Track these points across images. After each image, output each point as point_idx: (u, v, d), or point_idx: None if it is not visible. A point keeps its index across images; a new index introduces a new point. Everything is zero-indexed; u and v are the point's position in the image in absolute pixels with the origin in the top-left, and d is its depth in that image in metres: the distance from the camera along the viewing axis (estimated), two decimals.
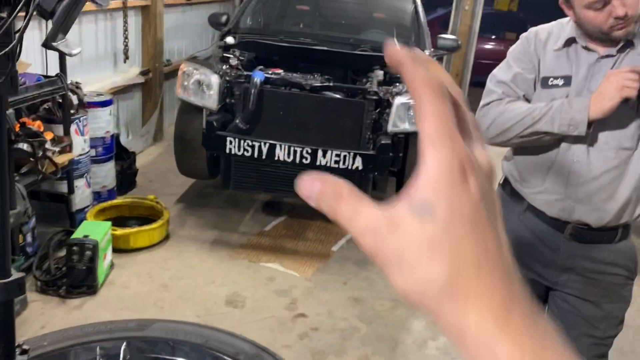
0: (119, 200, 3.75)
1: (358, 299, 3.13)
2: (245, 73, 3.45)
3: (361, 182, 3.39)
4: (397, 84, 3.53)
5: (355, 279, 3.34)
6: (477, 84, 7.22)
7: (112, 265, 3.12)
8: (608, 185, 1.47)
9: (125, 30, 4.40)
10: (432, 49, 4.30)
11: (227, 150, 3.25)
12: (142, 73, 4.81)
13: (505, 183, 1.69)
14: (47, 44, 0.85)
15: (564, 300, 1.64)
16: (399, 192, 2.77)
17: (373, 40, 4.13)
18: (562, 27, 1.55)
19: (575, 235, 1.56)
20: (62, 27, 0.79)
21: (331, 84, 3.45)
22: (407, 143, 3.64)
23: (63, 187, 3.28)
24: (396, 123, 3.35)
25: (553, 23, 1.60)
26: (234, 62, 3.55)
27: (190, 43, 6.12)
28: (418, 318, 3.01)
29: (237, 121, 3.34)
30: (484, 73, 2.18)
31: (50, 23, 0.83)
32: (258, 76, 3.31)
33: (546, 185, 1.55)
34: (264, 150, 3.23)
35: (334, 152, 3.21)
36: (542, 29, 1.59)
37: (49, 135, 2.97)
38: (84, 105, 3.43)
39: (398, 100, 3.34)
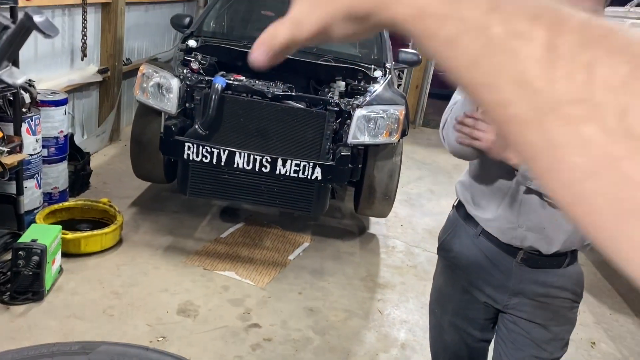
0: (70, 202, 3.64)
1: (313, 309, 3.13)
2: (206, 78, 3.41)
3: (320, 192, 3.40)
4: (358, 96, 3.56)
5: (310, 288, 3.34)
6: (436, 95, 7.40)
7: (60, 271, 3.03)
8: (557, 216, 1.52)
9: (84, 27, 4.28)
10: (394, 62, 4.36)
11: (185, 156, 3.21)
12: (100, 71, 4.69)
13: (460, 206, 1.73)
14: None
15: (514, 323, 1.68)
16: (358, 203, 2.75)
17: (336, 51, 4.16)
18: None
19: (526, 260, 1.61)
20: (6, 56, 0.76)
21: (293, 93, 3.46)
22: (366, 155, 3.68)
23: (11, 188, 3.16)
24: (356, 135, 3.39)
25: None
26: (195, 65, 3.51)
27: (152, 43, 6.00)
28: (370, 330, 3.04)
29: (197, 126, 3.30)
30: (443, 86, 2.23)
31: None
32: (219, 82, 3.28)
33: (499, 213, 1.59)
34: (223, 157, 3.20)
35: (294, 162, 3.21)
36: None
37: None
38: (37, 104, 3.32)
39: (359, 113, 3.37)
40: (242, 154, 3.19)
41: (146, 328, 2.74)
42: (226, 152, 3.19)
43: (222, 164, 3.21)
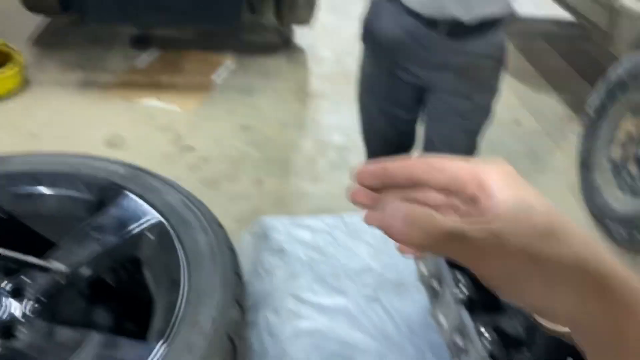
0: None
1: (246, 127, 3.09)
2: None
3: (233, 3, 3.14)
4: None
5: (241, 107, 3.26)
6: None
7: None
8: None
9: None
10: None
11: None
12: None
13: None
14: None
15: (439, 99, 1.69)
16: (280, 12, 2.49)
17: None
18: None
19: (449, 32, 1.56)
20: None
21: None
22: None
23: None
24: None
25: None
26: None
27: None
28: (307, 138, 3.06)
29: None
30: None
31: None
32: None
33: None
34: None
35: None
36: None
37: None
38: None
39: None
40: None
41: None
42: None
43: None
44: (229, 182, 2.64)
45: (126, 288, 1.03)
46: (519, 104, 3.46)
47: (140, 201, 0.89)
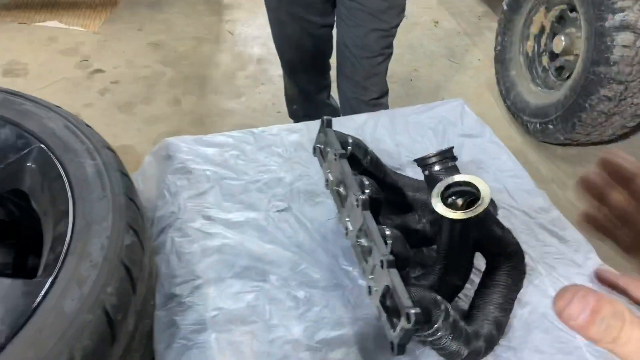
0: None
1: (158, 44, 2.90)
2: None
3: None
4: None
5: (150, 23, 3.05)
6: None
7: None
8: None
9: None
10: None
11: None
12: None
13: None
14: None
15: (352, 0, 1.62)
16: None
17: None
18: None
19: None
20: None
21: None
22: None
23: None
24: None
25: None
26: None
27: None
28: (223, 52, 2.92)
29: None
30: None
31: None
32: None
33: None
34: None
35: None
36: None
37: None
38: None
39: None
40: None
41: None
42: None
43: None
44: (144, 104, 2.50)
45: (22, 224, 0.96)
46: (437, 5, 3.42)
47: (17, 129, 0.81)
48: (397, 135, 1.15)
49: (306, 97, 2.02)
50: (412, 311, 0.62)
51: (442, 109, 1.23)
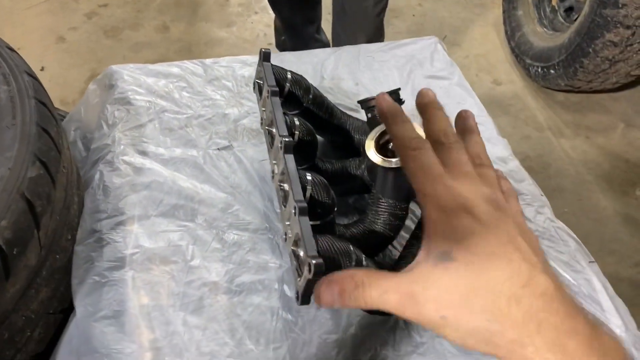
0: None
1: None
2: None
3: None
4: None
5: None
6: None
7: None
8: None
9: None
10: None
11: None
12: None
13: None
14: None
15: None
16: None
17: None
18: None
19: None
20: None
21: None
22: None
23: None
24: None
25: None
26: None
27: None
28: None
29: None
30: None
31: None
32: None
33: None
34: None
35: None
36: None
37: None
38: None
39: None
40: None
41: None
42: None
43: None
44: (131, 30, 2.42)
45: None
46: None
47: None
48: (358, 74, 1.08)
49: (292, 29, 1.93)
50: (314, 261, 0.58)
51: (413, 47, 1.15)
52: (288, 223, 0.69)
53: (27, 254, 0.65)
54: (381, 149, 0.77)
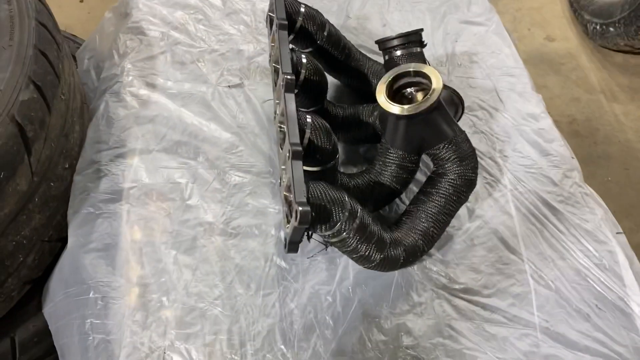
0: None
1: None
2: None
3: None
4: None
5: None
6: None
7: None
8: None
9: None
10: None
11: None
12: None
13: None
14: None
15: None
16: None
17: None
18: None
19: None
20: None
21: None
22: None
23: None
24: None
25: None
26: None
27: None
28: None
29: None
30: None
31: None
32: None
33: None
34: None
35: None
36: None
37: None
38: None
39: None
40: None
41: None
42: None
43: None
44: None
45: None
46: None
47: None
48: (387, 14, 1.01)
49: None
50: (300, 208, 0.55)
51: None
52: (284, 167, 0.65)
53: (17, 179, 0.64)
54: (395, 94, 0.71)
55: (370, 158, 0.83)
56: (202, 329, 0.65)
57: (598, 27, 2.15)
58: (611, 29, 2.07)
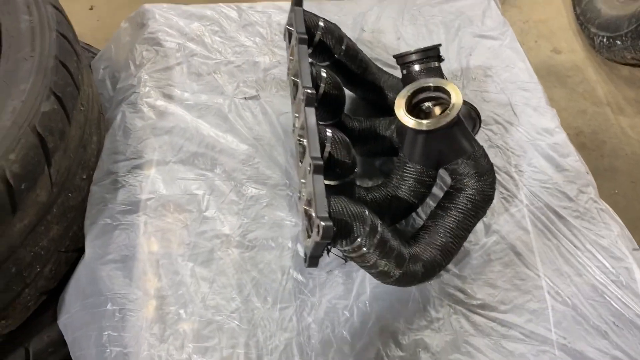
0: None
1: None
2: None
3: None
4: None
5: None
6: None
7: None
8: None
9: None
10: None
11: None
12: None
13: None
14: None
15: None
16: None
17: None
18: None
19: None
20: None
21: None
22: None
23: None
24: None
25: None
26: None
27: None
28: None
29: None
30: None
31: None
32: None
33: None
34: None
35: None
36: None
37: None
38: None
39: None
40: None
41: None
42: None
43: None
44: None
45: None
46: None
47: None
48: (402, 28, 1.01)
49: None
50: (322, 223, 0.55)
51: (464, 3, 1.06)
52: (304, 181, 0.65)
53: (37, 190, 0.64)
54: (413, 109, 0.72)
55: (387, 171, 0.83)
56: (219, 343, 0.65)
57: (605, 40, 2.16)
58: (618, 42, 2.08)
